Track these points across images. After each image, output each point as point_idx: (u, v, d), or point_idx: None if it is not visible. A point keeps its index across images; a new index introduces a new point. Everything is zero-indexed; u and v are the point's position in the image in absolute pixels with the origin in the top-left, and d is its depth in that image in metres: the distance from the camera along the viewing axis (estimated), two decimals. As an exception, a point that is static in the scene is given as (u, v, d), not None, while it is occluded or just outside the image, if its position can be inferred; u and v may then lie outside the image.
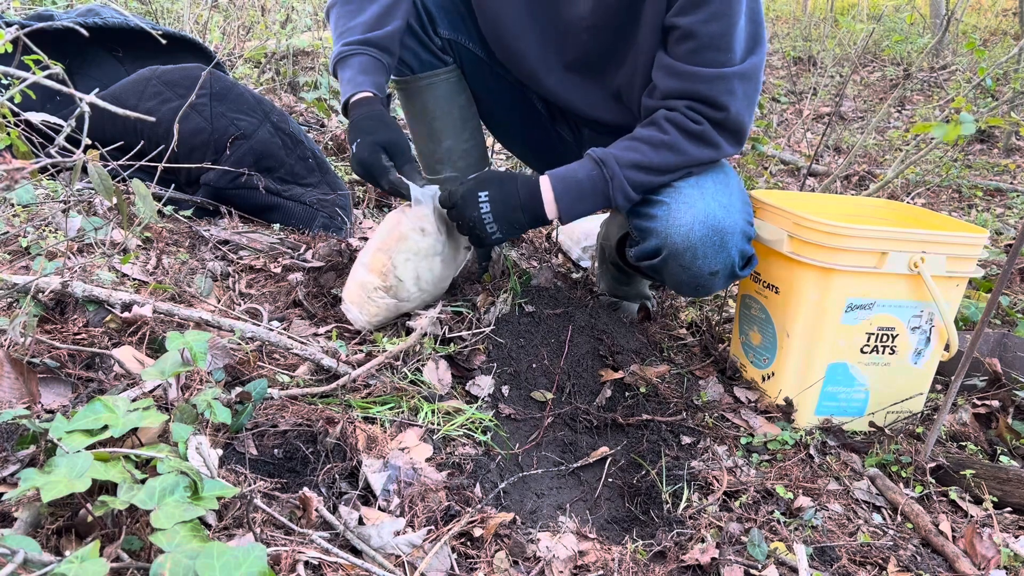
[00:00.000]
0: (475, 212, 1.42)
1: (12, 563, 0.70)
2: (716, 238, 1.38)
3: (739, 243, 1.42)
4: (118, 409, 0.92)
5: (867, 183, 3.76)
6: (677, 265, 1.41)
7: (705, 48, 1.32)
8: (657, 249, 1.43)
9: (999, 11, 7.78)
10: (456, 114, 1.72)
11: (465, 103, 1.73)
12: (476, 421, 1.34)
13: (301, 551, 0.91)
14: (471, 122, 1.76)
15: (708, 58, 1.33)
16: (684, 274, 1.43)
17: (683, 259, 1.40)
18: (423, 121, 1.73)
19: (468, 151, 1.76)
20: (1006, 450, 1.48)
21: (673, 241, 1.39)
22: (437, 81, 1.67)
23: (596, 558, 1.09)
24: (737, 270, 1.45)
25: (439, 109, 1.70)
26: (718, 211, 1.38)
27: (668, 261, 1.42)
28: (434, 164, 1.77)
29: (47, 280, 1.28)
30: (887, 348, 1.50)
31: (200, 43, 2.31)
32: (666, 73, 1.38)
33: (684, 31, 1.32)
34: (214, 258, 1.73)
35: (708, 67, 1.33)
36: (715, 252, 1.39)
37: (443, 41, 1.63)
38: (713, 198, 1.39)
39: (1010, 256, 1.25)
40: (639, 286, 1.93)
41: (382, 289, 1.52)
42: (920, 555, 1.18)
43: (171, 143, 1.61)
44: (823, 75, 5.45)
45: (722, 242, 1.39)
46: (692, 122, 1.37)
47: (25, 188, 1.65)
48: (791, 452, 1.42)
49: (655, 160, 1.39)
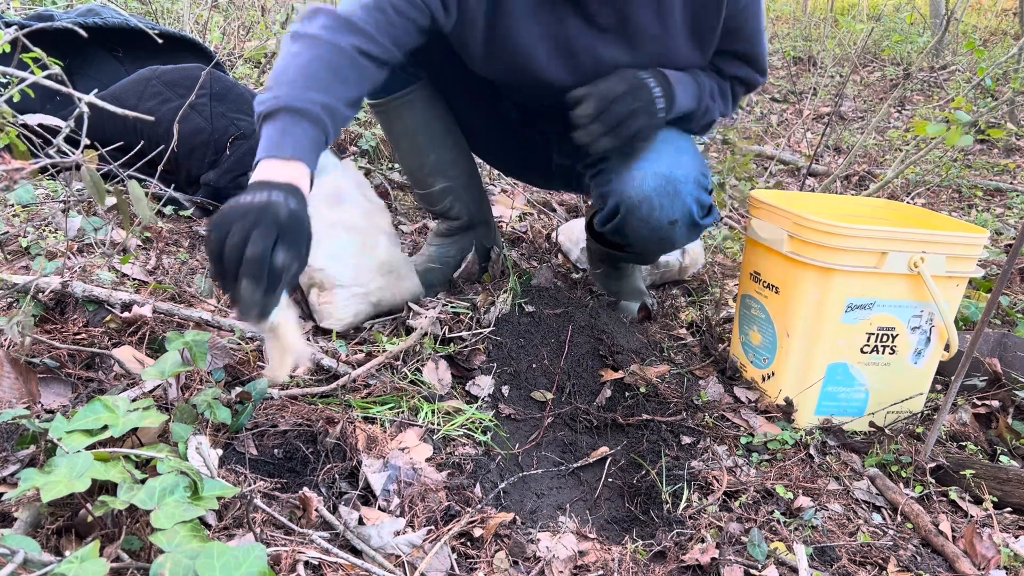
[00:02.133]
0: (649, 92, 1.38)
1: (12, 563, 0.70)
2: (669, 187, 1.42)
3: (693, 191, 1.45)
4: (118, 409, 0.92)
5: (867, 183, 3.76)
6: (636, 219, 1.45)
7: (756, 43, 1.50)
8: (616, 208, 1.47)
9: (999, 11, 7.78)
10: (437, 126, 1.73)
11: (443, 113, 1.74)
12: (476, 421, 1.34)
13: (301, 551, 0.91)
14: (452, 130, 1.77)
15: (759, 52, 1.51)
16: (645, 227, 1.46)
17: (640, 211, 1.44)
18: (406, 139, 1.74)
19: (456, 159, 1.78)
20: (1006, 450, 1.48)
21: (628, 195, 1.43)
22: (413, 97, 1.67)
23: (596, 558, 1.09)
24: (697, 219, 1.49)
25: (420, 124, 1.71)
26: (668, 163, 1.44)
27: (627, 218, 1.46)
28: (425, 178, 1.78)
29: (47, 280, 1.28)
30: (887, 348, 1.50)
31: (200, 43, 2.31)
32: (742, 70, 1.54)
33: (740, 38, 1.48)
34: (214, 258, 1.73)
35: (760, 59, 1.52)
36: (670, 201, 1.43)
37: (415, 59, 1.62)
38: (664, 153, 1.46)
39: (1010, 256, 1.25)
40: (634, 281, 1.94)
41: (314, 288, 1.53)
42: (920, 555, 1.18)
43: (171, 143, 1.61)
44: (823, 75, 5.45)
45: (675, 190, 1.43)
46: (736, 90, 1.57)
47: (25, 188, 1.65)
48: (791, 452, 1.42)
49: (719, 95, 1.54)
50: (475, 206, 1.84)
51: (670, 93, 1.41)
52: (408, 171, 1.84)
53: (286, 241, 0.96)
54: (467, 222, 1.84)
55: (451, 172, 1.77)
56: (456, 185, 1.78)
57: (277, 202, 0.98)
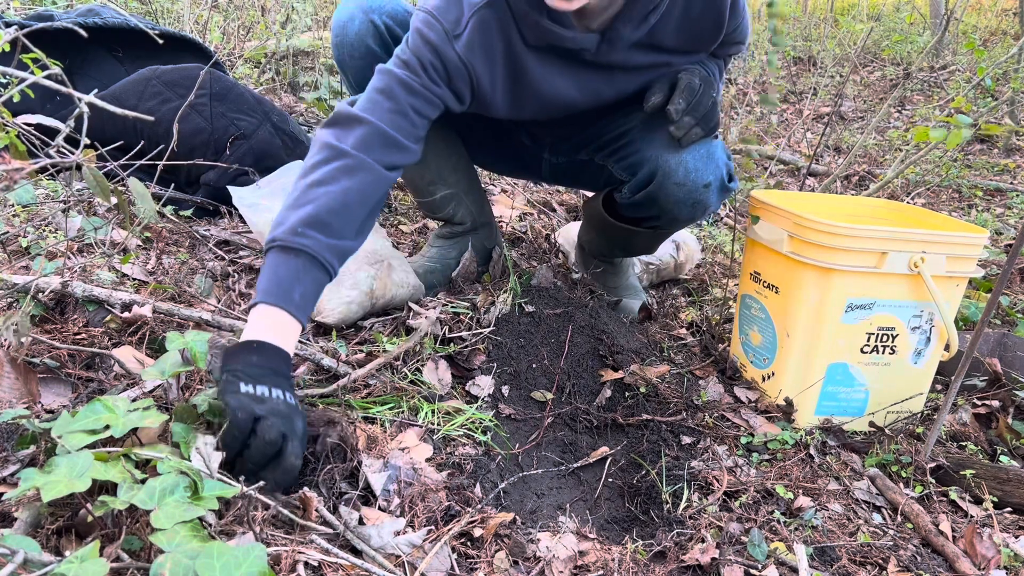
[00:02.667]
0: (714, 82, 1.49)
1: (12, 563, 0.70)
2: (703, 149, 1.47)
3: (723, 154, 1.52)
4: (118, 409, 0.92)
5: (867, 183, 3.76)
6: (672, 184, 1.48)
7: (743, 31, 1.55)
8: (651, 174, 1.50)
9: (999, 11, 7.77)
10: (434, 134, 1.73)
11: (440, 122, 1.74)
12: (476, 421, 1.34)
13: (301, 551, 0.91)
14: (450, 137, 1.77)
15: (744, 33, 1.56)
16: (680, 191, 1.49)
17: (677, 175, 1.47)
18: None
19: (456, 165, 1.78)
20: (1006, 450, 1.48)
21: (666, 159, 1.47)
22: None
23: (596, 558, 1.09)
24: (726, 182, 1.54)
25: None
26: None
27: (663, 183, 1.49)
28: (426, 186, 1.78)
29: (47, 280, 1.28)
30: (887, 348, 1.50)
31: (200, 43, 2.31)
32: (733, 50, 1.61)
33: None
34: (214, 258, 1.73)
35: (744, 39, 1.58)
36: (704, 163, 1.48)
37: None
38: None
39: (1010, 256, 1.25)
40: (629, 277, 1.96)
41: None
42: (920, 555, 1.18)
43: (171, 143, 1.61)
44: (823, 75, 5.45)
45: (709, 152, 1.48)
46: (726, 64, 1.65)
47: (25, 188, 1.65)
48: (791, 452, 1.42)
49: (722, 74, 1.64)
50: (477, 209, 1.84)
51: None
52: (408, 181, 1.85)
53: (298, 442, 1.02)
54: (470, 226, 1.84)
55: (451, 179, 1.78)
56: (457, 191, 1.79)
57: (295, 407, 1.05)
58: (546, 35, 1.36)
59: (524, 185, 2.95)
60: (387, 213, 2.39)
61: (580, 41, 1.38)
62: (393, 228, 2.25)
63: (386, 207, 2.45)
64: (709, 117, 1.44)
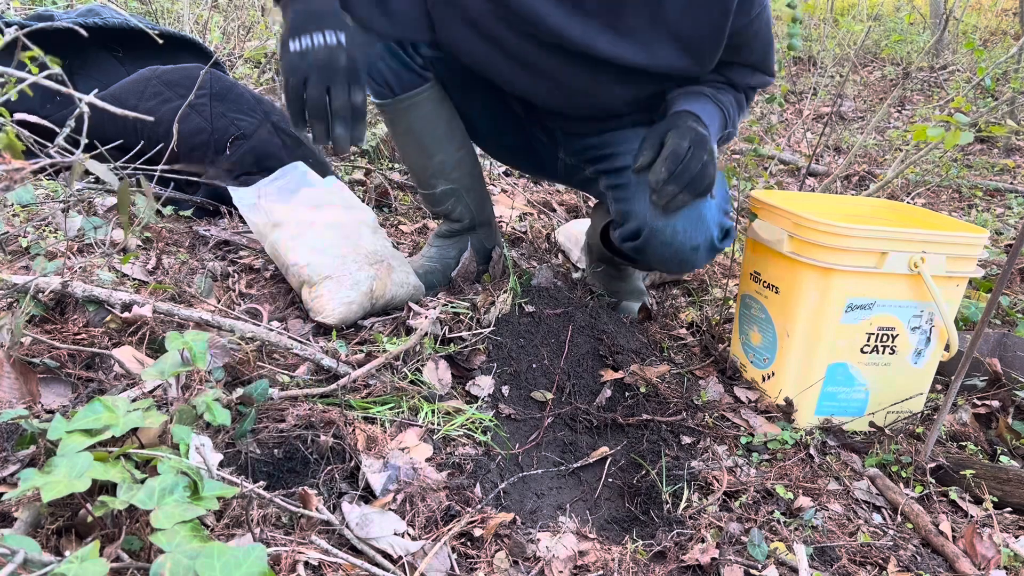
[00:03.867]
0: (708, 144, 1.37)
1: (12, 563, 0.70)
2: (693, 212, 1.41)
3: (715, 216, 1.45)
4: (118, 409, 0.92)
5: (867, 183, 3.76)
6: (659, 242, 1.44)
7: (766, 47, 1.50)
8: (637, 230, 1.46)
9: (999, 11, 7.77)
10: (442, 128, 1.73)
11: (449, 115, 1.74)
12: (476, 421, 1.34)
13: (301, 551, 0.91)
14: (458, 132, 1.76)
15: (770, 60, 1.53)
16: (667, 250, 1.45)
17: (664, 235, 1.43)
18: (411, 140, 1.74)
19: (460, 161, 1.78)
20: (1006, 450, 1.48)
21: (653, 218, 1.43)
22: (420, 100, 1.67)
23: (596, 558, 1.09)
24: (716, 243, 1.48)
25: (426, 126, 1.71)
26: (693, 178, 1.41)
27: (650, 240, 1.45)
28: (428, 179, 1.78)
29: (47, 280, 1.28)
30: (887, 348, 1.50)
31: (200, 43, 2.31)
32: (751, 77, 1.55)
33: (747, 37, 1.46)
34: (214, 258, 1.73)
35: (771, 75, 1.54)
36: (694, 226, 1.42)
37: (424, 59, 1.62)
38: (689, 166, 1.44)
39: (1010, 256, 1.25)
40: (634, 281, 1.94)
41: (304, 285, 1.54)
42: (920, 555, 1.18)
43: (171, 143, 1.61)
44: (823, 75, 5.45)
45: (699, 215, 1.42)
46: (747, 97, 1.59)
47: (25, 188, 1.65)
48: (791, 452, 1.42)
49: (737, 109, 1.55)
50: (477, 208, 1.84)
51: (712, 134, 1.42)
52: (412, 172, 1.85)
53: (356, 82, 1.17)
54: (469, 224, 1.84)
55: (454, 175, 1.77)
56: (459, 187, 1.79)
57: (334, 47, 1.16)
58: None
59: (524, 185, 2.95)
60: (387, 213, 2.39)
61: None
62: (393, 228, 2.25)
63: (386, 207, 2.45)
64: (697, 183, 1.35)
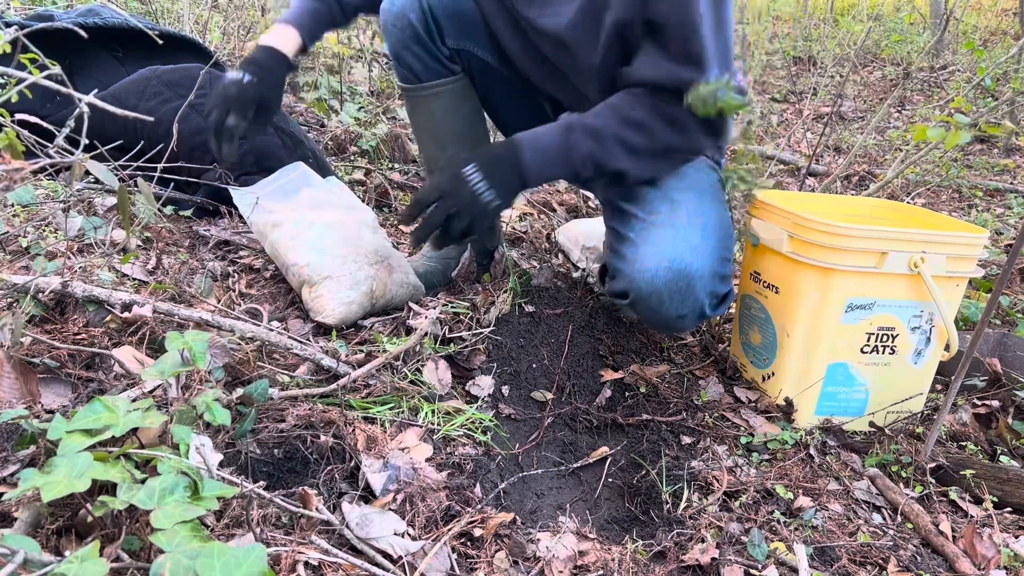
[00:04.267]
0: (467, 187, 1.30)
1: (12, 563, 0.70)
2: (682, 283, 1.34)
3: (708, 286, 1.38)
4: (118, 409, 0.92)
5: (867, 183, 3.76)
6: (645, 308, 1.40)
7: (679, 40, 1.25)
8: (624, 292, 1.41)
9: (999, 11, 7.77)
10: (461, 124, 1.72)
11: (471, 112, 1.73)
12: (476, 421, 1.34)
13: (301, 551, 0.91)
14: (476, 131, 1.76)
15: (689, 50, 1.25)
16: (653, 316, 1.41)
17: (649, 303, 1.38)
18: (428, 129, 1.73)
19: None
20: (1006, 450, 1.48)
21: (638, 286, 1.36)
22: (443, 91, 1.66)
23: (596, 558, 1.09)
24: (707, 311, 1.43)
25: (444, 118, 1.70)
26: (686, 254, 1.34)
27: (636, 304, 1.41)
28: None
29: (47, 280, 1.28)
30: (887, 348, 1.50)
31: (200, 43, 2.31)
32: (650, 63, 1.31)
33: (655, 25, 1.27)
34: (214, 258, 1.73)
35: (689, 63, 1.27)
36: (681, 297, 1.36)
37: (450, 51, 1.63)
38: (684, 238, 1.35)
39: (1010, 256, 1.25)
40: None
41: (304, 285, 1.55)
42: (920, 555, 1.18)
43: (171, 143, 1.61)
44: (823, 75, 5.45)
45: (688, 286, 1.35)
46: (667, 104, 1.31)
47: (25, 188, 1.65)
48: (791, 452, 1.42)
49: (627, 136, 1.32)
50: None
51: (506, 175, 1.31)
52: (425, 160, 1.85)
53: (234, 109, 1.45)
54: None
55: None
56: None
57: (231, 81, 1.46)
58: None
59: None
60: (387, 213, 2.39)
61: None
62: (393, 228, 2.25)
63: (386, 207, 2.45)
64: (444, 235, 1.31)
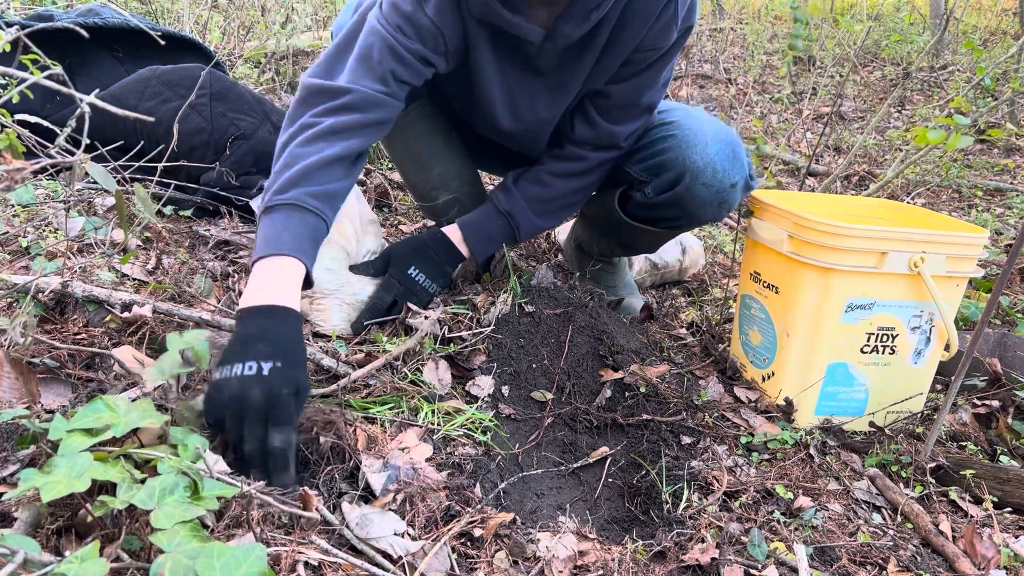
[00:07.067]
0: (415, 286, 1.58)
1: (12, 563, 0.70)
2: (728, 150, 1.50)
3: (745, 154, 1.55)
4: (118, 409, 0.92)
5: (867, 183, 3.76)
6: (700, 184, 1.51)
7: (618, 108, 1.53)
8: (678, 176, 1.52)
9: (999, 11, 7.77)
10: (439, 140, 1.75)
11: (445, 127, 1.76)
12: (476, 421, 1.34)
13: (301, 551, 0.91)
14: (454, 143, 1.77)
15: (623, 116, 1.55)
16: (707, 191, 1.52)
17: (705, 176, 1.50)
18: (409, 154, 1.75)
19: (459, 171, 1.79)
20: (1006, 450, 1.48)
21: (693, 161, 1.49)
22: (415, 115, 1.68)
23: (596, 558, 1.09)
24: (750, 180, 1.58)
25: (422, 139, 1.72)
26: (721, 127, 1.53)
27: (691, 184, 1.51)
28: (429, 192, 1.79)
29: (47, 280, 1.28)
30: (887, 348, 1.50)
31: (200, 43, 2.31)
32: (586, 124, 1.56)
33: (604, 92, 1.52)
34: (214, 258, 1.73)
35: (621, 125, 1.55)
36: (731, 163, 1.51)
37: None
38: (710, 119, 1.55)
39: (1010, 256, 1.25)
40: (625, 274, 1.97)
41: (306, 296, 1.55)
42: (920, 555, 1.18)
43: (171, 143, 1.61)
44: (823, 75, 5.45)
45: (734, 153, 1.51)
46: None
47: (25, 188, 1.65)
48: (791, 452, 1.42)
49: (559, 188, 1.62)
50: None
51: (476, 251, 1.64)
52: (412, 187, 1.86)
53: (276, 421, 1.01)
54: None
55: (454, 184, 1.78)
56: (460, 195, 1.80)
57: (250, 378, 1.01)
58: (489, 13, 1.34)
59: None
60: (387, 213, 2.39)
61: (525, 30, 1.35)
62: (393, 228, 2.25)
63: (386, 207, 2.45)
64: (419, 297, 1.56)
